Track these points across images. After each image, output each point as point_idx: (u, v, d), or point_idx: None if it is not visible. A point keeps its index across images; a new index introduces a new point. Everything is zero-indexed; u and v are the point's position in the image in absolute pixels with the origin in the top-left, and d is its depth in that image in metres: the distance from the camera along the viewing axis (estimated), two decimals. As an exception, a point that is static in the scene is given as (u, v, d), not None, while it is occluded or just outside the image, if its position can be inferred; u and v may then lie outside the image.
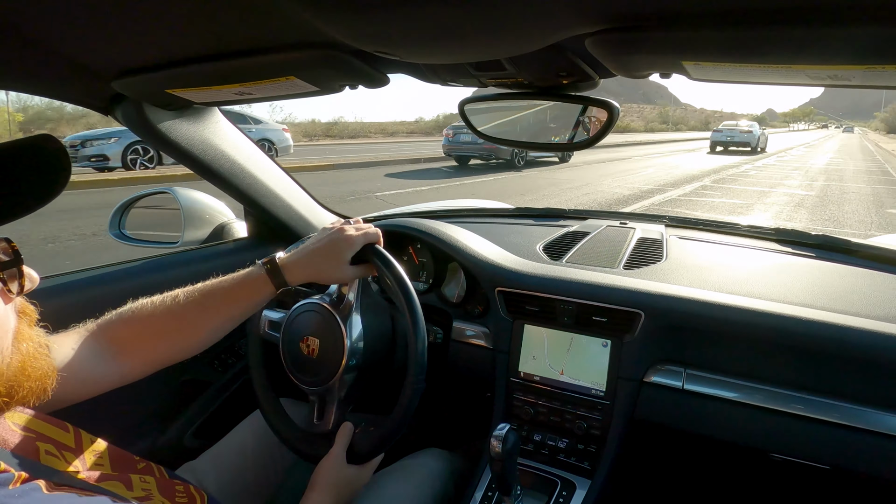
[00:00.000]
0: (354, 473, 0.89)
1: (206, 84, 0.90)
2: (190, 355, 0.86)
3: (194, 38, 0.73)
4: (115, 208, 1.55)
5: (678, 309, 1.01)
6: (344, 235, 0.89)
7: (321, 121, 42.73)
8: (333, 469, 0.87)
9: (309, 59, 0.76)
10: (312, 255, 0.88)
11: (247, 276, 0.87)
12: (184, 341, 0.85)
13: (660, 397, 1.03)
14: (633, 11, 0.53)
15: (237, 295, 0.86)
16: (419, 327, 0.89)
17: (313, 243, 0.90)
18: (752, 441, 0.98)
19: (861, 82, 0.57)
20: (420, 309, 0.90)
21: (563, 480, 1.03)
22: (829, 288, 1.05)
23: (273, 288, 0.86)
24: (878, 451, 0.88)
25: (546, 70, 0.77)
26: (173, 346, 0.84)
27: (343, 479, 0.88)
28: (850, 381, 0.91)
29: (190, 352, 0.86)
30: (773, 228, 1.36)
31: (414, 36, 0.63)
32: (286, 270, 0.87)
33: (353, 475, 0.89)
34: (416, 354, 0.88)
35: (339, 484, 0.87)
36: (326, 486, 0.85)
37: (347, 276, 0.91)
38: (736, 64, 0.58)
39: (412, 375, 0.88)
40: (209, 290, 0.86)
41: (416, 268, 1.36)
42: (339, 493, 0.86)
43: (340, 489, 0.86)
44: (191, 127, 1.16)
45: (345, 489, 0.87)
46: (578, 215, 1.58)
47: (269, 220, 1.42)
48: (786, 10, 0.47)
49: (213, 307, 0.85)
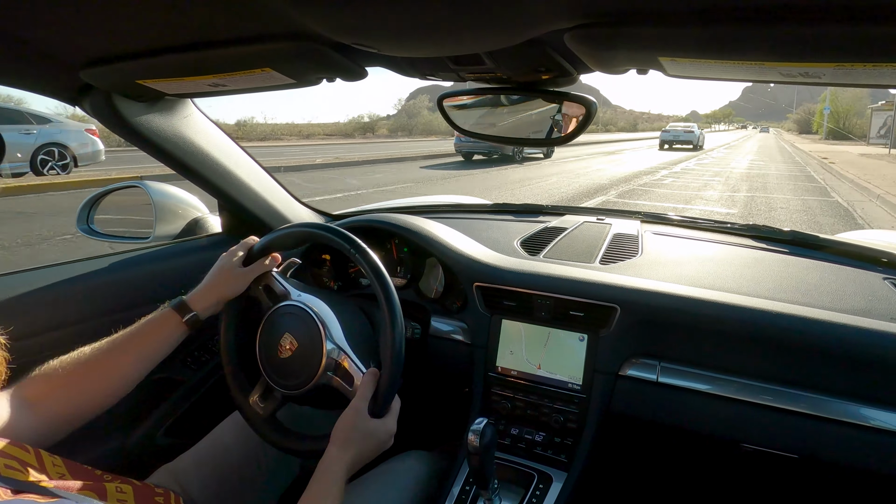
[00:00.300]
0: (377, 426, 0.84)
1: (178, 75, 0.88)
2: (105, 406, 0.83)
3: (167, 27, 0.71)
4: (84, 203, 1.51)
5: (653, 303, 1.03)
6: (226, 252, 1.00)
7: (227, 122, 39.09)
8: (353, 421, 0.83)
9: (286, 51, 0.75)
10: (209, 279, 0.97)
11: (155, 315, 0.91)
12: (95, 391, 0.82)
13: (635, 390, 1.04)
14: (612, 7, 0.53)
15: (146, 334, 0.89)
16: (394, 307, 0.88)
17: (209, 273, 0.99)
18: (724, 432, 1.01)
19: (831, 80, 0.59)
20: (394, 291, 0.89)
21: (539, 473, 1.04)
22: (799, 282, 1.09)
23: (182, 321, 0.91)
24: (843, 439, 0.91)
25: (525, 65, 0.77)
26: (83, 397, 0.81)
27: (365, 432, 0.83)
28: (817, 372, 0.94)
29: (104, 402, 0.83)
30: (745, 224, 1.40)
31: (393, 29, 0.62)
32: (191, 302, 0.94)
33: (376, 428, 0.84)
34: (395, 331, 0.87)
35: (361, 437, 0.82)
36: (346, 440, 0.82)
37: (245, 279, 0.99)
38: (711, 61, 0.59)
39: (390, 328, 0.87)
40: (118, 335, 0.87)
41: (393, 263, 1.35)
42: (362, 448, 0.82)
43: (362, 443, 0.82)
44: (162, 119, 1.13)
45: (368, 442, 0.83)
46: (556, 211, 1.59)
47: (243, 215, 1.40)
48: (760, 9, 0.48)
49: (122, 350, 0.86)
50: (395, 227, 1.28)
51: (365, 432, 0.83)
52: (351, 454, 0.81)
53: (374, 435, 0.84)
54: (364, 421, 0.83)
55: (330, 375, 0.92)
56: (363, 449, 0.82)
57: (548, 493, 1.00)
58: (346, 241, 0.94)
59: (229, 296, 0.98)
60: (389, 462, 1.05)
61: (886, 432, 0.88)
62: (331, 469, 0.79)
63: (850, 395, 0.92)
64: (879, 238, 1.58)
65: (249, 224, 1.42)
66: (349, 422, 0.83)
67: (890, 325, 0.91)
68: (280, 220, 1.43)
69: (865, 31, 0.47)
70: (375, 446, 0.84)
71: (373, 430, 0.84)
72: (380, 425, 0.84)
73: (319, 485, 0.77)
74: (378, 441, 0.84)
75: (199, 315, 0.94)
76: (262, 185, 1.38)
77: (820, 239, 1.29)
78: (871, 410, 0.89)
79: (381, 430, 0.84)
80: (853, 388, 0.92)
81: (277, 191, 1.44)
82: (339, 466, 0.79)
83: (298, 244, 1.06)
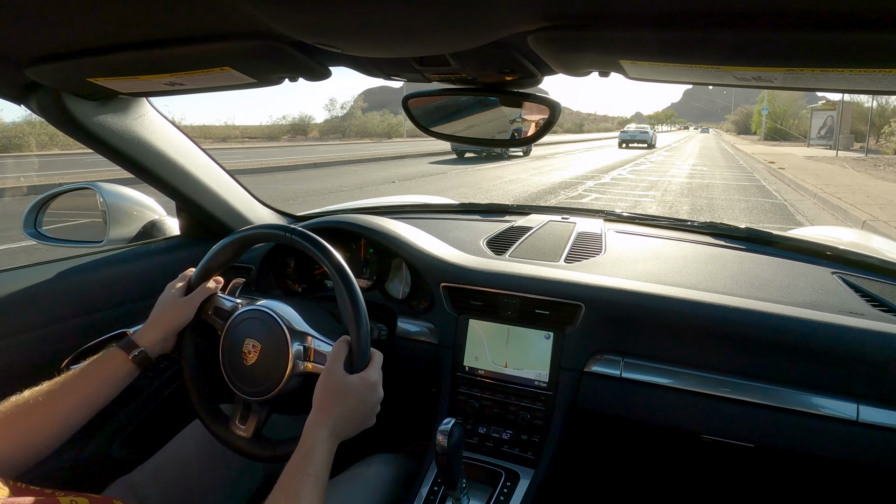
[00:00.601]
0: (356, 381, 0.80)
1: (132, 73, 0.84)
2: (45, 453, 0.79)
3: (120, 22, 0.68)
4: (31, 205, 1.44)
5: (616, 300, 1.05)
6: (168, 286, 0.98)
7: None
8: (326, 382, 0.80)
9: (246, 50, 0.73)
10: (152, 314, 0.95)
11: (101, 355, 0.88)
12: (34, 437, 0.78)
13: (599, 386, 1.06)
14: (574, 11, 0.54)
15: (90, 377, 0.85)
16: (358, 302, 0.86)
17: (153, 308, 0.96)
18: (685, 424, 1.04)
19: (782, 84, 0.61)
20: (358, 288, 0.87)
21: (507, 471, 1.04)
22: (754, 277, 1.13)
23: (128, 358, 0.88)
24: (795, 428, 0.95)
25: (490, 66, 0.78)
26: (21, 444, 0.76)
27: (344, 390, 0.79)
28: (772, 363, 0.98)
29: (44, 449, 0.78)
30: (704, 222, 1.45)
31: (357, 29, 0.61)
32: (138, 337, 0.91)
33: (355, 383, 0.80)
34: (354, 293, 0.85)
35: (341, 396, 0.79)
36: (323, 402, 0.78)
37: (190, 306, 0.96)
38: (670, 64, 0.61)
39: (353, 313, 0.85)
40: (60, 378, 0.84)
41: (359, 264, 1.34)
42: (344, 406, 0.78)
43: (344, 401, 0.79)
44: (116, 119, 1.08)
45: (350, 400, 0.79)
46: (521, 210, 1.61)
47: (203, 217, 1.36)
48: (716, 15, 0.50)
49: (64, 394, 0.82)
50: (360, 228, 1.27)
51: (344, 390, 0.79)
52: (331, 416, 0.77)
53: (354, 390, 0.80)
54: (340, 379, 0.80)
55: (302, 364, 0.89)
56: (346, 407, 0.79)
57: (515, 491, 1.01)
58: (281, 229, 0.92)
59: (176, 326, 0.94)
60: (354, 468, 1.03)
61: (834, 419, 0.92)
62: (311, 433, 0.76)
63: (801, 384, 0.96)
64: (826, 234, 1.66)
65: (209, 226, 1.38)
66: (322, 383, 0.80)
67: (837, 318, 0.95)
68: (241, 222, 1.39)
69: (812, 38, 0.49)
70: (359, 402, 0.80)
71: (352, 384, 0.80)
72: (359, 379, 0.81)
73: (299, 452, 0.74)
74: (361, 396, 0.80)
75: (148, 352, 0.90)
76: (222, 187, 1.35)
77: (773, 235, 1.34)
78: (820, 399, 0.94)
79: (361, 384, 0.80)
80: (804, 378, 0.96)
81: (238, 192, 1.41)
82: (318, 429, 0.76)
83: (241, 251, 1.02)
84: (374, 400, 0.82)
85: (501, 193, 10.31)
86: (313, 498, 0.70)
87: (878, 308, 1.01)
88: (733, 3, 0.47)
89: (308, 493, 0.70)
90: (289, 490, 0.70)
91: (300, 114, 72.33)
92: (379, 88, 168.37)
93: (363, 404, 0.81)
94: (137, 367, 0.89)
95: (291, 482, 0.71)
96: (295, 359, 0.89)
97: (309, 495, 0.70)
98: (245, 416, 0.93)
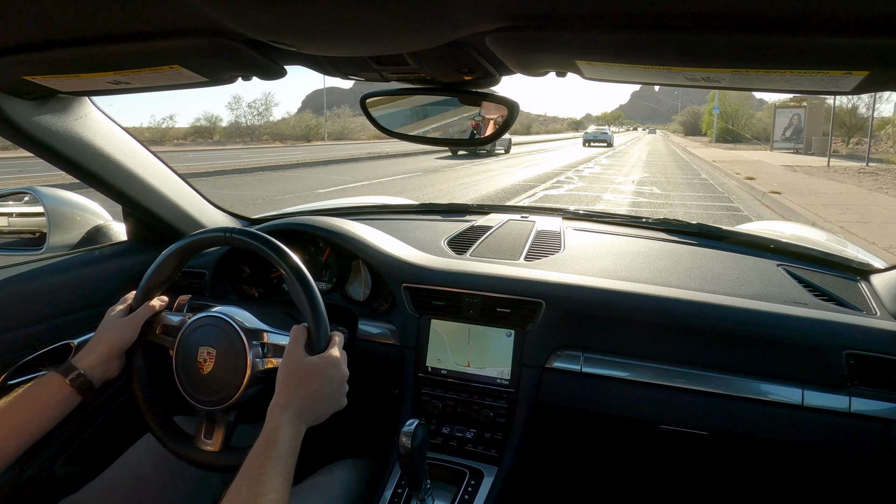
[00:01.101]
0: (317, 361, 0.79)
1: (73, 71, 0.80)
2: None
3: (58, 17, 0.64)
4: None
5: (575, 297, 1.07)
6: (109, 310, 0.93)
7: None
8: (286, 365, 0.78)
9: (196, 48, 0.70)
10: (95, 336, 0.90)
11: (34, 381, 0.82)
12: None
13: (560, 381, 1.08)
14: (531, 11, 0.55)
15: (24, 404, 0.79)
16: (309, 286, 0.84)
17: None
18: (643, 415, 1.07)
19: (730, 84, 0.64)
20: (309, 276, 0.85)
21: (471, 470, 1.05)
22: (705, 271, 1.17)
23: (66, 381, 0.82)
24: (745, 414, 1.00)
25: (448, 66, 0.78)
26: None
27: (306, 371, 0.77)
28: (723, 353, 1.02)
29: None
30: (657, 219, 1.49)
31: (313, 27, 0.60)
32: (77, 360, 0.85)
33: (316, 363, 0.78)
34: (306, 281, 0.83)
35: (302, 378, 0.77)
36: (284, 385, 0.76)
37: (133, 324, 0.91)
38: (623, 65, 0.63)
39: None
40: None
41: (318, 267, 1.31)
42: (307, 388, 0.76)
43: (306, 382, 0.76)
44: (56, 119, 1.02)
45: (312, 380, 0.77)
46: (481, 210, 1.62)
47: (151, 221, 1.31)
48: (666, 18, 0.51)
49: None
50: (318, 230, 1.25)
51: (305, 370, 0.77)
52: (293, 399, 0.75)
53: (316, 369, 0.78)
54: (301, 360, 0.78)
55: (262, 362, 0.87)
56: (310, 389, 0.76)
57: (479, 488, 1.01)
58: (222, 231, 0.89)
59: (119, 347, 0.89)
60: (316, 476, 1.01)
61: (782, 405, 0.97)
62: (273, 417, 0.73)
63: (751, 373, 1.00)
64: (771, 228, 1.75)
65: (158, 230, 1.33)
66: (283, 367, 0.78)
67: (783, 307, 1.00)
68: (192, 226, 1.35)
69: (755, 41, 0.52)
70: (324, 381, 0.78)
71: (314, 364, 0.78)
72: (319, 359, 0.79)
73: (263, 436, 0.72)
74: (324, 375, 0.78)
75: (89, 375, 0.84)
76: (172, 189, 1.30)
77: (723, 231, 1.40)
78: (769, 386, 0.98)
79: (323, 363, 0.79)
80: (754, 367, 1.00)
81: (189, 195, 1.36)
82: (280, 412, 0.73)
83: (183, 263, 0.97)
84: (338, 378, 0.80)
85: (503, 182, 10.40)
86: (277, 482, 0.67)
87: (819, 297, 1.07)
88: (682, 7, 0.49)
89: (271, 477, 0.67)
90: (251, 475, 0.67)
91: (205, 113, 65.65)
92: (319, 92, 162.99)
93: (328, 383, 0.78)
94: (77, 392, 0.83)
95: (254, 467, 0.68)
96: (254, 358, 0.86)
97: (272, 479, 0.67)
98: (210, 430, 0.88)
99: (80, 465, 1.17)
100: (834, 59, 0.53)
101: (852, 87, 0.60)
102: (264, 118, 48.61)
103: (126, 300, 0.94)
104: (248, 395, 0.86)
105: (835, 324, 0.97)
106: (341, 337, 0.85)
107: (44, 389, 0.81)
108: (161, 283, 0.95)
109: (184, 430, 0.92)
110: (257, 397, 0.87)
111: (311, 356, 0.79)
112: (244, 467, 0.69)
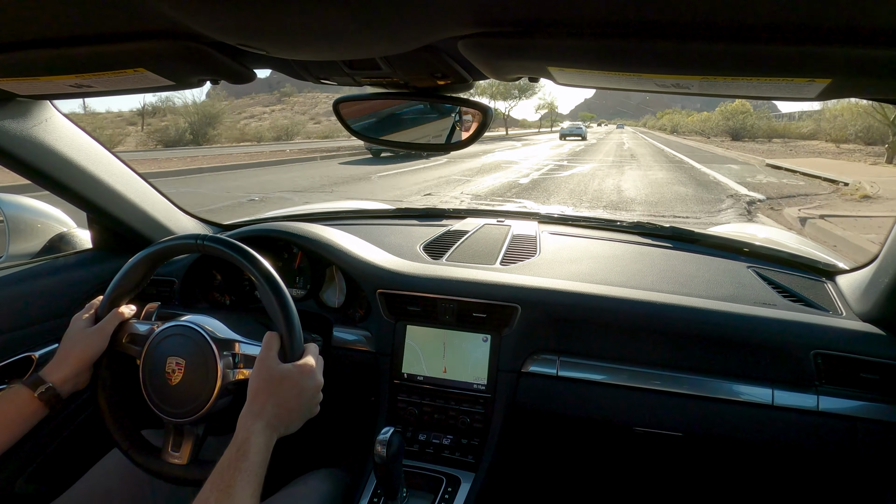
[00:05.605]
0: (290, 368, 0.77)
1: (33, 74, 0.77)
2: None
3: (16, 17, 0.62)
4: None
5: (551, 301, 1.07)
6: (74, 318, 0.90)
7: None
8: (258, 372, 0.76)
9: (162, 51, 0.68)
10: (60, 346, 0.87)
11: (1, 396, 0.80)
12: None
13: (537, 385, 1.08)
14: (501, 17, 0.55)
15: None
16: (281, 292, 0.82)
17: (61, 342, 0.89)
18: (618, 417, 1.07)
19: (699, 90, 0.65)
20: (281, 282, 0.83)
21: (448, 477, 1.04)
22: (678, 273, 1.19)
23: (34, 395, 0.80)
24: (717, 415, 1.01)
25: (421, 71, 0.77)
26: None
27: (278, 378, 0.76)
28: (696, 354, 1.04)
29: None
30: (631, 222, 1.51)
31: (282, 31, 0.59)
32: (46, 374, 0.83)
33: (290, 370, 0.77)
34: (279, 288, 0.81)
35: (274, 385, 0.75)
36: (256, 392, 0.74)
37: (101, 334, 0.88)
38: (594, 71, 0.63)
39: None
40: None
41: (292, 274, 1.29)
42: (279, 396, 0.74)
43: (278, 390, 0.75)
44: (14, 123, 0.98)
45: (284, 387, 0.75)
46: (457, 214, 1.62)
47: (118, 228, 1.27)
48: (636, 25, 0.52)
49: None
50: (292, 236, 1.23)
51: (277, 378, 0.76)
52: (266, 407, 0.73)
53: (289, 378, 0.76)
54: (273, 368, 0.76)
55: (233, 373, 0.84)
56: (282, 397, 0.75)
57: (457, 495, 1.01)
58: (193, 238, 0.87)
59: (89, 359, 0.86)
60: (290, 486, 0.98)
61: (753, 405, 0.99)
62: (244, 426, 0.71)
63: (723, 373, 1.02)
64: (742, 230, 1.79)
65: (125, 238, 1.29)
66: (255, 375, 0.76)
67: (753, 309, 1.02)
68: (161, 232, 1.31)
69: (722, 49, 0.52)
70: (297, 390, 0.76)
71: (286, 372, 0.76)
72: (293, 367, 0.77)
73: (233, 446, 0.69)
74: (297, 383, 0.76)
75: (57, 388, 0.82)
76: (139, 195, 1.26)
77: (695, 234, 1.43)
78: (740, 386, 1.00)
79: (296, 371, 0.77)
80: (726, 368, 1.02)
81: (158, 200, 1.33)
82: (251, 421, 0.71)
83: (151, 270, 0.95)
84: (312, 387, 0.79)
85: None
86: (246, 493, 0.65)
87: (788, 298, 1.10)
88: (653, 16, 0.50)
89: (241, 488, 0.65)
90: (220, 487, 0.65)
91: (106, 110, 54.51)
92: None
93: (301, 392, 0.77)
94: (45, 405, 0.80)
95: (223, 478, 0.66)
96: (224, 369, 0.83)
97: (242, 490, 0.65)
98: (178, 442, 0.86)
99: (43, 483, 1.13)
100: (799, 67, 0.54)
101: (816, 93, 0.61)
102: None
103: (92, 306, 0.91)
104: (217, 406, 0.83)
105: (803, 324, 0.99)
106: (315, 347, 0.83)
107: (10, 404, 0.78)
108: (129, 291, 0.92)
109: (151, 443, 0.89)
110: (227, 409, 0.85)
111: (285, 364, 0.77)
112: (213, 478, 0.66)
